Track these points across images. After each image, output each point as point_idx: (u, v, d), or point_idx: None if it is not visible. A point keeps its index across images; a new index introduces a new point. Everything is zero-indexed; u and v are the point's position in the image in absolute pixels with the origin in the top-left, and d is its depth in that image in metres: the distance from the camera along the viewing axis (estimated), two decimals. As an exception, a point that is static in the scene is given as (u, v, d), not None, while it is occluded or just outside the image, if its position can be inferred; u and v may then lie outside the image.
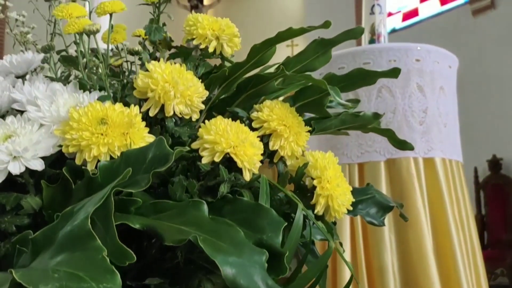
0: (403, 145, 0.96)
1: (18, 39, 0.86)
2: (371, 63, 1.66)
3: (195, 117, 0.70)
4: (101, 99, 0.65)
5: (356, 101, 1.01)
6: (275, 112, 0.70)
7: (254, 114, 0.71)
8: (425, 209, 1.57)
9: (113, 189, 0.48)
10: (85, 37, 0.71)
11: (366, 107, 1.64)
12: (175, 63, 0.77)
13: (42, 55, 0.78)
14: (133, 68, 0.85)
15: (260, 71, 0.79)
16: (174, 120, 0.68)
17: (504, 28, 5.20)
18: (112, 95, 0.68)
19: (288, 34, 0.72)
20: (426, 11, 5.80)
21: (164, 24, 0.80)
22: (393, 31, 6.09)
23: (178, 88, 0.66)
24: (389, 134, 0.95)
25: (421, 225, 1.54)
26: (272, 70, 0.81)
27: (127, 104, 0.73)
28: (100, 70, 0.71)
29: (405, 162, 1.59)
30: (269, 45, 0.72)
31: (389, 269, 1.53)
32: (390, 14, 6.15)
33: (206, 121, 0.64)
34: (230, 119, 0.66)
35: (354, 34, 0.82)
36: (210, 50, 0.76)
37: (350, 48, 1.69)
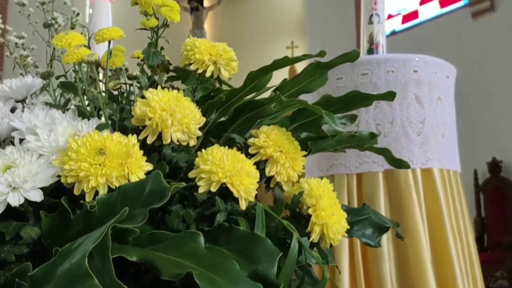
0: (400, 164, 0.97)
1: (18, 62, 0.86)
2: (369, 73, 1.67)
3: (192, 143, 0.71)
4: (100, 127, 0.66)
5: (354, 117, 1.02)
6: (271, 138, 0.71)
7: (250, 140, 0.72)
8: (423, 219, 1.58)
9: (110, 227, 0.49)
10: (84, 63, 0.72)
11: (365, 117, 1.65)
12: (173, 87, 0.78)
13: (40, 80, 0.78)
14: (132, 88, 0.86)
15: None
16: (171, 146, 0.69)
17: (504, 31, 5.20)
18: (110, 122, 0.69)
19: (284, 62, 0.73)
20: (426, 13, 5.80)
21: (162, 48, 0.81)
22: (393, 33, 6.10)
23: (176, 116, 0.67)
24: (386, 153, 0.96)
25: (419, 235, 1.55)
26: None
27: (125, 128, 0.74)
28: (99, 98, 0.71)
29: (403, 173, 1.60)
30: (265, 72, 0.73)
31: (388, 278, 1.54)
32: (390, 16, 6.15)
33: (203, 150, 0.65)
34: (226, 147, 0.66)
35: (350, 57, 0.83)
36: (208, 74, 0.77)
37: (348, 59, 1.69)
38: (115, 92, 0.86)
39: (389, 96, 0.82)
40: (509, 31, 5.17)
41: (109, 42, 0.72)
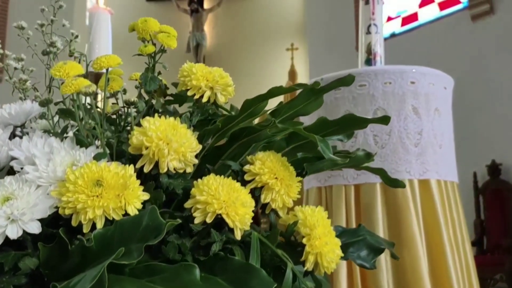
0: (395, 183, 0.98)
1: (17, 86, 0.87)
2: (366, 85, 1.67)
3: (189, 170, 0.72)
4: (97, 157, 0.67)
5: (351, 134, 1.03)
6: (266, 165, 0.72)
7: (246, 167, 0.73)
8: (420, 230, 1.59)
9: (107, 264, 0.50)
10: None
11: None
12: (170, 114, 0.79)
13: (38, 105, 0.79)
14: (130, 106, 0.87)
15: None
16: (168, 174, 0.70)
17: (503, 34, 5.21)
18: (108, 147, 0.70)
19: (279, 91, 0.74)
20: (425, 15, 5.81)
21: (159, 73, 0.82)
22: (393, 35, 6.11)
23: (172, 145, 0.68)
24: (381, 173, 0.97)
25: (417, 246, 1.55)
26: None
27: (123, 152, 0.75)
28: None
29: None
30: (260, 100, 0.74)
31: (385, 289, 1.55)
32: (389, 19, 6.16)
33: (199, 180, 0.66)
34: (222, 176, 0.68)
35: (345, 82, 0.84)
36: (204, 100, 0.78)
37: (346, 70, 1.71)
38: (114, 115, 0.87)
39: (384, 120, 0.83)
40: (508, 34, 5.18)
41: (107, 70, 0.73)
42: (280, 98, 0.88)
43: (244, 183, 0.73)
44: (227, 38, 8.10)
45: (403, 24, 5.99)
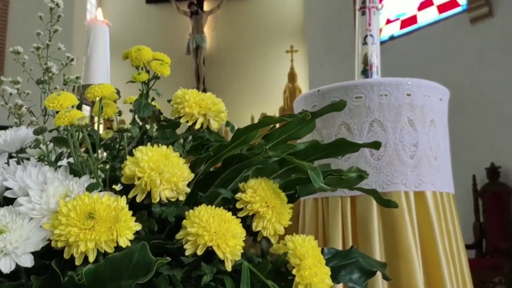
0: (388, 204, 0.99)
1: (13, 111, 0.88)
2: (363, 97, 1.68)
3: (181, 198, 0.73)
4: (90, 188, 0.68)
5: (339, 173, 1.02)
6: (258, 193, 0.73)
7: (238, 195, 0.74)
8: (416, 242, 1.59)
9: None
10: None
11: (358, 140, 1.67)
12: (164, 138, 0.80)
13: (31, 130, 0.80)
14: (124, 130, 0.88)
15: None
16: (160, 203, 0.71)
17: (502, 36, 5.21)
18: (103, 175, 0.71)
19: (269, 121, 0.75)
20: (424, 18, 5.82)
21: (153, 99, 0.83)
22: (392, 38, 6.12)
23: (164, 176, 0.69)
24: (374, 194, 0.97)
25: (412, 258, 1.56)
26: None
27: (117, 179, 0.76)
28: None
29: (396, 196, 1.61)
30: (252, 129, 0.75)
31: (381, 301, 1.56)
32: (388, 21, 6.17)
33: (191, 211, 0.67)
34: (214, 206, 0.68)
35: (337, 107, 0.84)
36: (197, 127, 0.79)
37: (343, 82, 1.72)
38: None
39: (375, 145, 0.84)
40: (507, 37, 5.18)
41: (101, 99, 0.74)
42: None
43: (235, 210, 0.73)
44: (227, 40, 8.11)
45: (402, 27, 5.99)
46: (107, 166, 0.72)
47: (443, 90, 1.78)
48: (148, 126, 0.83)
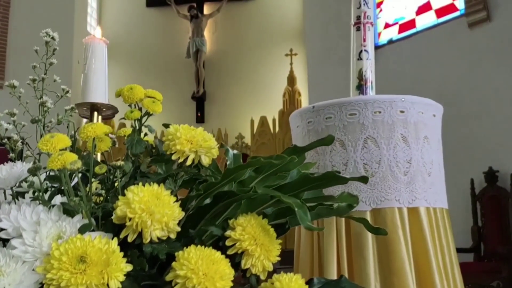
0: (377, 231, 1.01)
1: (9, 146, 0.90)
2: (357, 114, 1.70)
3: (172, 236, 0.75)
4: (82, 229, 0.70)
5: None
6: (247, 231, 0.75)
7: (227, 233, 0.76)
8: (409, 258, 1.61)
9: None
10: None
11: (353, 157, 1.69)
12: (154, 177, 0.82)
13: (29, 165, 0.82)
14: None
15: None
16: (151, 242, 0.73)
17: (500, 41, 5.23)
18: (94, 220, 0.73)
19: (257, 162, 0.76)
20: (422, 22, 5.83)
21: (146, 134, 0.85)
22: (390, 41, 6.14)
23: (155, 216, 0.71)
24: (364, 222, 1.00)
25: (406, 274, 1.58)
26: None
27: (110, 214, 0.78)
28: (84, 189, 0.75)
29: (390, 212, 1.63)
30: (241, 169, 0.76)
31: (375, 316, 1.58)
32: (387, 25, 6.19)
33: (181, 252, 0.69)
34: (203, 246, 0.70)
35: (325, 142, 0.86)
36: (188, 163, 0.81)
37: (337, 99, 1.73)
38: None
39: (363, 179, 0.86)
40: (505, 41, 5.20)
41: (94, 139, 0.76)
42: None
43: (225, 248, 0.75)
44: (226, 44, 8.13)
45: (400, 31, 6.01)
46: (101, 198, 0.74)
47: (437, 106, 1.79)
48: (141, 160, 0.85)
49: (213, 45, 8.13)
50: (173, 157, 0.80)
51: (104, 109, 1.76)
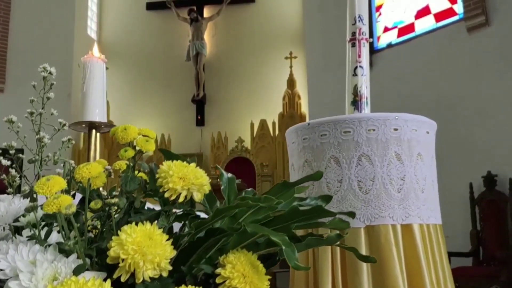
0: (367, 259, 1.03)
1: (8, 182, 0.93)
2: (351, 131, 1.73)
3: (164, 275, 0.77)
4: (77, 271, 0.73)
5: (329, 198, 1.07)
6: (236, 269, 0.78)
7: (217, 270, 0.78)
8: (403, 274, 1.64)
9: None
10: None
11: (347, 174, 1.72)
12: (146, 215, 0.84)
13: (27, 201, 0.85)
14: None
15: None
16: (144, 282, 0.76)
17: (499, 45, 5.24)
18: (88, 260, 0.75)
19: (245, 204, 0.79)
20: (421, 26, 5.85)
21: (139, 171, 0.87)
22: (389, 45, 6.16)
23: (147, 257, 0.73)
24: (354, 251, 1.02)
25: (399, 290, 1.61)
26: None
27: (104, 250, 0.80)
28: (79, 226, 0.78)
29: (384, 229, 1.66)
30: (229, 209, 0.79)
31: (369, 332, 1.61)
32: (386, 29, 6.21)
33: (171, 295, 0.72)
34: (193, 286, 0.73)
35: (314, 177, 0.89)
36: (181, 200, 0.83)
37: (332, 117, 1.76)
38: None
39: (350, 214, 0.89)
40: (503, 45, 5.21)
41: (88, 180, 0.78)
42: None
43: (215, 285, 0.78)
44: (226, 47, 8.15)
45: (399, 35, 6.03)
46: (97, 225, 0.76)
47: (430, 123, 1.82)
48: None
49: (213, 48, 8.15)
50: (166, 195, 0.83)
51: (102, 126, 1.78)
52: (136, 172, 0.88)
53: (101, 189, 0.93)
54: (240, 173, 6.03)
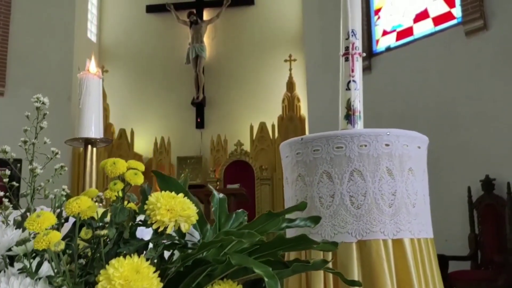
0: (353, 283, 1.06)
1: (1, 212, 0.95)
2: (343, 147, 1.75)
3: (151, 306, 0.80)
4: (66, 305, 0.76)
5: (318, 219, 1.10)
6: (221, 301, 0.80)
7: (203, 302, 0.81)
8: (394, 288, 1.66)
9: None
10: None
11: (339, 189, 1.74)
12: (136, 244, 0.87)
13: (19, 231, 0.88)
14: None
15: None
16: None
17: (497, 49, 5.26)
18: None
19: (228, 240, 0.82)
20: (420, 30, 5.87)
21: (128, 201, 0.90)
22: (388, 49, 6.17)
23: (134, 292, 0.76)
24: (340, 275, 1.05)
25: (390, 304, 1.63)
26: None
27: (91, 284, 0.83)
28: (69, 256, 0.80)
29: (375, 244, 1.68)
30: (214, 243, 0.81)
31: None
32: (385, 33, 6.22)
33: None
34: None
35: (299, 207, 0.91)
36: (168, 231, 0.86)
37: (324, 133, 1.78)
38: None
39: (332, 245, 0.91)
40: (501, 49, 5.24)
41: (79, 214, 0.81)
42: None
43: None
44: (226, 49, 8.18)
45: (398, 39, 6.05)
46: (87, 253, 0.79)
47: (421, 138, 1.84)
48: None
49: (212, 51, 8.18)
50: (154, 227, 0.86)
51: (98, 142, 1.81)
52: (126, 202, 0.91)
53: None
54: (239, 176, 6.06)
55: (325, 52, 6.92)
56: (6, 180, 1.01)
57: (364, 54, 2.05)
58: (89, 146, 1.80)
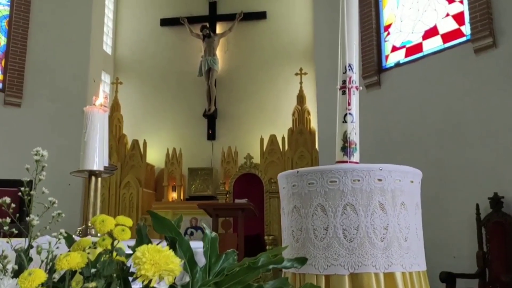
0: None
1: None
2: (337, 181, 1.81)
3: None
4: None
5: (304, 260, 1.16)
6: None
7: None
8: (384, 321, 1.71)
9: None
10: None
11: (333, 222, 1.79)
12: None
13: (15, 280, 0.95)
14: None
15: None
16: None
17: (506, 67, 5.26)
18: None
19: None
20: (429, 47, 5.89)
21: (117, 254, 0.96)
22: (397, 64, 6.20)
23: None
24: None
25: (381, 336, 1.68)
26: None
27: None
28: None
29: (367, 277, 1.73)
30: (205, 284, 0.88)
31: None
32: (394, 49, 6.26)
33: None
34: None
35: (277, 262, 0.97)
36: (152, 284, 0.92)
37: (319, 167, 1.84)
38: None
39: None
40: (510, 67, 5.23)
41: (70, 268, 0.88)
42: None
43: None
44: (238, 62, 8.27)
45: (407, 55, 6.08)
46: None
47: (414, 173, 1.89)
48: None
49: (224, 64, 8.27)
50: (139, 280, 0.92)
51: (102, 174, 1.89)
52: (114, 254, 0.97)
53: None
54: (248, 190, 6.10)
55: (335, 66, 6.93)
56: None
57: (361, 88, 2.11)
58: (93, 178, 1.88)
